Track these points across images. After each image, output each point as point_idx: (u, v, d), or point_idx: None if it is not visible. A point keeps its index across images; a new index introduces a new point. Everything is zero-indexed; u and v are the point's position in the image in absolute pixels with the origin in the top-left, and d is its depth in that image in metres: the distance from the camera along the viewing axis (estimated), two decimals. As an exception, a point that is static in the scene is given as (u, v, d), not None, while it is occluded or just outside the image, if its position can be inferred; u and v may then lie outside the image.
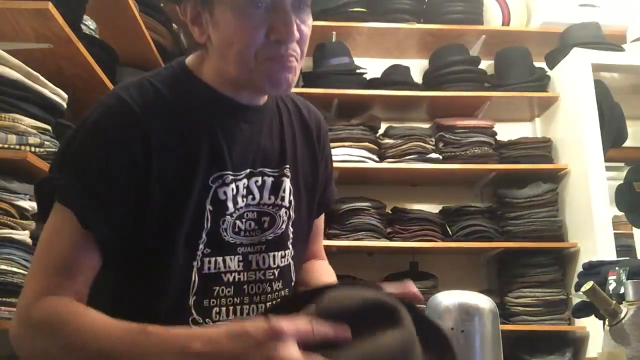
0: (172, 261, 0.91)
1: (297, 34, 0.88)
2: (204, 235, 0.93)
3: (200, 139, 0.92)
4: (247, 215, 0.98)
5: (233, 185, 0.95)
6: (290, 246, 1.05)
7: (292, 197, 1.04)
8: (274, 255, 1.01)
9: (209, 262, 0.94)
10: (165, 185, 0.89)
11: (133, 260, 0.91)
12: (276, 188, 1.01)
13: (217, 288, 0.95)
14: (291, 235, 1.05)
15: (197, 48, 0.96)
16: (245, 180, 0.97)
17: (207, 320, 0.94)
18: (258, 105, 0.99)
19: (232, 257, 0.97)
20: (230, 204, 0.95)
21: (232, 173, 0.95)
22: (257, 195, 0.99)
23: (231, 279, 0.96)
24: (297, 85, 1.14)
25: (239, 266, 0.97)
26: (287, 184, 1.03)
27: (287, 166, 1.03)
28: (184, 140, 0.92)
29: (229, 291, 0.96)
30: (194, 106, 0.94)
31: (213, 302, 0.95)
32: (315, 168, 1.09)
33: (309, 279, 1.11)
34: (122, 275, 0.94)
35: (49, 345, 0.80)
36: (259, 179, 0.99)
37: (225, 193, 0.94)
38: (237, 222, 0.97)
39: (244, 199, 0.97)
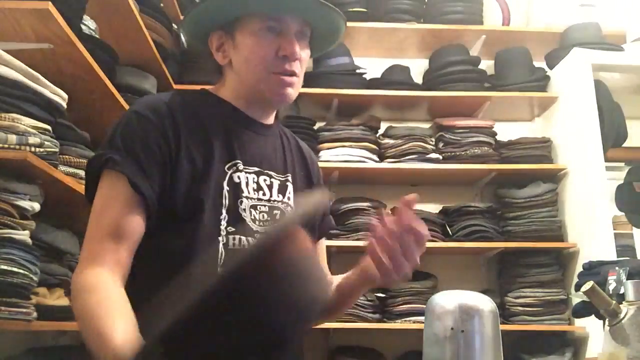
0: (199, 231, 1.04)
1: (298, 54, 1.11)
2: (224, 212, 1.07)
3: (216, 136, 1.11)
4: (260, 207, 1.12)
5: (244, 174, 1.11)
6: None
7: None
8: None
9: (233, 239, 1.06)
10: (191, 159, 1.06)
11: (167, 228, 1.04)
12: (283, 189, 1.17)
13: None
14: None
15: (216, 73, 1.20)
16: (254, 176, 1.13)
17: None
18: (266, 123, 1.20)
19: (253, 238, 1.08)
20: (244, 187, 1.10)
21: (242, 163, 1.11)
22: (267, 193, 1.14)
23: None
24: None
25: None
26: (290, 188, 1.19)
27: (289, 175, 1.20)
28: (204, 133, 1.10)
29: None
30: (211, 113, 1.14)
31: None
32: (311, 188, 1.26)
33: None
34: (158, 243, 1.05)
35: (76, 312, 0.95)
36: (267, 178, 1.15)
37: (239, 177, 1.10)
38: (252, 210, 1.11)
39: (256, 192, 1.12)
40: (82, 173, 1.85)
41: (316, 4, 1.11)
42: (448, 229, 3.03)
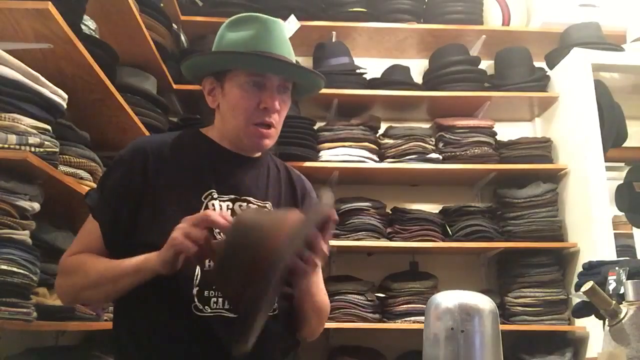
0: None
1: (278, 107, 1.25)
2: None
3: (191, 171, 1.26)
4: None
5: (218, 202, 1.23)
6: None
7: None
8: None
9: (209, 261, 1.14)
10: (160, 194, 1.21)
11: (143, 252, 1.14)
12: None
13: None
14: None
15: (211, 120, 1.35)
16: (229, 203, 1.25)
17: (206, 307, 1.16)
18: (252, 157, 1.33)
19: None
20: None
21: (217, 192, 1.24)
22: None
23: None
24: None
25: None
26: None
27: (269, 202, 1.31)
28: (178, 170, 1.25)
29: None
30: (194, 150, 1.29)
31: (212, 293, 1.16)
32: None
33: None
34: None
35: (72, 280, 1.20)
36: (244, 204, 1.26)
37: (213, 205, 1.22)
38: None
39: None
40: (82, 173, 1.85)
41: (295, 67, 1.27)
42: (448, 229, 3.03)
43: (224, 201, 1.24)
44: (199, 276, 1.16)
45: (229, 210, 1.24)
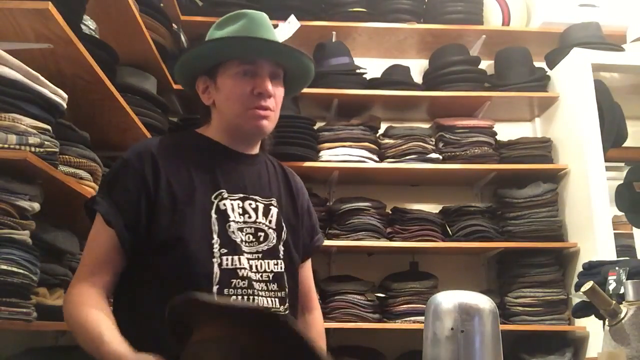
0: (189, 256, 1.18)
1: (271, 91, 1.27)
2: (215, 237, 1.21)
3: (199, 171, 1.27)
4: (246, 229, 1.26)
5: (229, 201, 1.26)
6: (282, 260, 1.30)
7: (281, 223, 1.32)
8: (268, 262, 1.27)
9: (227, 259, 1.20)
10: (171, 194, 1.21)
11: (160, 254, 1.19)
12: (267, 212, 1.31)
13: (234, 281, 1.20)
14: (282, 252, 1.31)
15: (206, 119, 1.37)
16: (239, 202, 1.27)
17: None
18: (250, 154, 1.36)
19: (242, 257, 1.22)
20: (230, 212, 1.24)
21: (227, 192, 1.26)
22: (253, 215, 1.28)
23: (245, 274, 1.21)
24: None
25: (246, 266, 1.22)
26: (274, 210, 1.33)
27: (274, 199, 1.34)
28: (186, 170, 1.26)
29: (243, 284, 1.21)
30: (196, 151, 1.30)
31: (231, 291, 1.19)
32: (296, 212, 1.40)
33: None
34: (153, 269, 1.20)
35: (69, 325, 1.19)
36: (253, 202, 1.30)
37: (224, 205, 1.25)
38: (240, 232, 1.24)
39: (242, 216, 1.26)
40: (82, 173, 1.85)
41: (283, 47, 1.28)
42: (448, 229, 3.02)
43: (234, 200, 1.26)
44: (218, 274, 1.18)
45: (240, 209, 1.26)
